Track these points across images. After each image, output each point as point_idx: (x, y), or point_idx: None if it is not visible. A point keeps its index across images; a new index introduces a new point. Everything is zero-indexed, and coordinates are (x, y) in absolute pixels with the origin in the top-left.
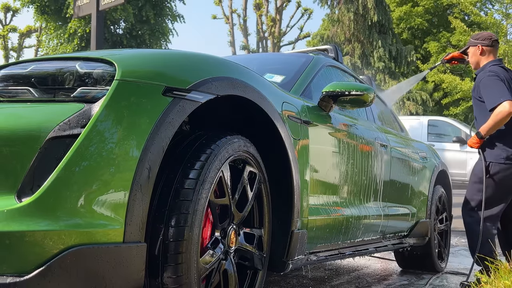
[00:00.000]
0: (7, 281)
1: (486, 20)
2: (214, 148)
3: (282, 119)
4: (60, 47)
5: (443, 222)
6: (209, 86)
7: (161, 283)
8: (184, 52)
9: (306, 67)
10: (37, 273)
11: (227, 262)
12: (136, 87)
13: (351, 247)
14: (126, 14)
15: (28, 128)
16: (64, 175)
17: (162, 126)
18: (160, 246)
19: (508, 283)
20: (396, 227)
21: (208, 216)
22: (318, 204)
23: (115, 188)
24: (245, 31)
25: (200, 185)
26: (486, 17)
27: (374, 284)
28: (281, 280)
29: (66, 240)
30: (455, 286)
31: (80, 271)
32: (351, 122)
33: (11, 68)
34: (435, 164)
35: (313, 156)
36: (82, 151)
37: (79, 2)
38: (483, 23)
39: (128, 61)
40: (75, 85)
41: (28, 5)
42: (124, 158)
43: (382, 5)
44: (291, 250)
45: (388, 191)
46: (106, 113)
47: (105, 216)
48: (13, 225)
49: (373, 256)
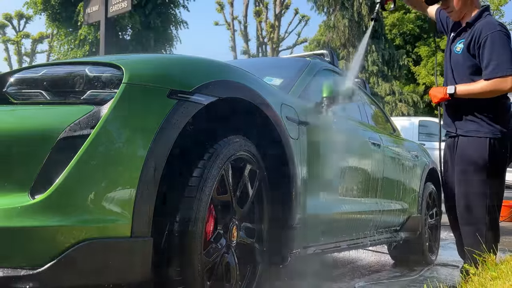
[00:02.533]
0: (21, 274)
1: None
2: (216, 148)
3: (281, 120)
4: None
5: (433, 217)
6: (212, 89)
7: (166, 275)
8: (187, 57)
9: (304, 70)
10: (50, 266)
11: (229, 255)
12: (142, 90)
13: (346, 240)
14: (133, 21)
15: (40, 129)
16: (74, 173)
17: (167, 127)
18: (165, 240)
19: (495, 274)
20: (389, 222)
21: (211, 212)
22: (315, 200)
23: (123, 186)
24: (246, 37)
25: (203, 182)
26: None
27: (368, 276)
28: (280, 273)
29: (77, 234)
30: (445, 277)
31: (90, 264)
32: (346, 122)
33: (24, 72)
34: (425, 162)
35: (310, 155)
36: (91, 151)
37: (88, 10)
38: None
39: (135, 66)
40: (85, 88)
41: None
42: (131, 157)
43: None
44: (290, 244)
45: (382, 188)
46: (114, 114)
47: (113, 212)
48: (27, 221)
49: (367, 249)
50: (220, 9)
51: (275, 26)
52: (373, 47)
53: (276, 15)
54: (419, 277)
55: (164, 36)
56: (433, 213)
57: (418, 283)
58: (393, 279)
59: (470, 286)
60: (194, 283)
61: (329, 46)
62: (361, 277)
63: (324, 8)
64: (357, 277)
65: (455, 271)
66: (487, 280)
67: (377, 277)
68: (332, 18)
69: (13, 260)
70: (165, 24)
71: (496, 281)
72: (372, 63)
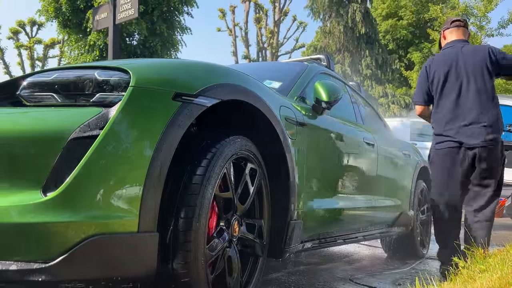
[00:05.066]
0: (34, 267)
1: None
2: (218, 148)
3: (280, 121)
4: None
5: (424, 213)
6: (214, 92)
7: (171, 269)
8: (191, 61)
9: (301, 74)
10: (61, 259)
11: (231, 249)
12: (148, 93)
13: (342, 235)
14: (140, 27)
15: (52, 129)
16: (84, 172)
17: (172, 128)
18: (170, 235)
19: (483, 267)
20: (382, 218)
21: (213, 208)
22: (313, 197)
23: (130, 184)
24: (247, 42)
25: (206, 180)
26: None
27: (363, 269)
28: (279, 266)
29: (87, 230)
30: (436, 270)
31: (99, 257)
32: (342, 123)
33: (36, 76)
34: (417, 161)
35: (308, 154)
36: (100, 151)
37: (97, 17)
38: None
39: (142, 70)
40: (94, 91)
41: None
42: (138, 156)
43: (369, 19)
44: (288, 238)
45: (375, 185)
46: (122, 116)
47: (121, 209)
48: (39, 217)
49: (361, 243)
50: (222, 16)
51: (275, 32)
52: (367, 52)
53: (275, 21)
54: (411, 269)
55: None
56: (424, 209)
57: (410, 276)
58: (386, 272)
59: (460, 278)
60: (198, 275)
61: (325, 51)
62: (356, 269)
63: (320, 15)
64: (352, 269)
65: None
66: (475, 272)
67: (371, 270)
68: (328, 24)
69: (27, 254)
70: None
71: (484, 273)
72: (366, 67)
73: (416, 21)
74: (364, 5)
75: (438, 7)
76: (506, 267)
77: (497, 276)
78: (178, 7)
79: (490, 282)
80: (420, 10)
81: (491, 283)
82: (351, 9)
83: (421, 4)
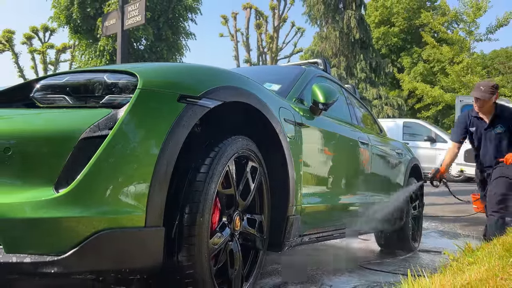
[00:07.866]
0: (46, 260)
1: (452, 37)
2: (221, 147)
3: (279, 121)
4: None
5: (416, 208)
6: (217, 94)
7: (177, 261)
8: (195, 65)
9: (299, 77)
10: (72, 252)
11: (233, 243)
12: (155, 95)
13: (338, 229)
14: (147, 33)
15: (64, 130)
16: (94, 170)
17: (177, 128)
18: (176, 229)
19: (472, 260)
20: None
21: (216, 204)
22: (310, 193)
23: (137, 181)
24: (248, 47)
25: (209, 178)
26: (452, 34)
27: (357, 261)
28: (279, 259)
29: (96, 225)
30: (427, 262)
31: (108, 251)
32: (338, 123)
33: (49, 79)
34: (409, 159)
35: (306, 153)
36: (109, 150)
37: (106, 23)
38: (449, 40)
39: (149, 73)
40: (103, 93)
41: (63, 26)
42: (145, 155)
43: (364, 25)
44: (287, 232)
45: (369, 182)
46: (130, 117)
47: (129, 204)
48: (52, 212)
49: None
50: (225, 22)
51: (274, 37)
52: (362, 56)
53: (275, 27)
54: (403, 262)
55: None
56: (416, 205)
57: (403, 268)
58: (380, 264)
59: (450, 270)
60: (201, 267)
61: (322, 55)
62: (350, 262)
63: (317, 21)
64: (347, 261)
65: (436, 257)
66: (464, 265)
67: (365, 262)
68: (325, 30)
69: (40, 247)
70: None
71: (472, 266)
72: (360, 70)
73: (408, 27)
74: (359, 11)
75: (429, 13)
76: (493, 260)
77: (485, 268)
78: (183, 14)
79: (478, 274)
80: (412, 17)
81: (479, 275)
82: (346, 16)
83: (412, 11)
